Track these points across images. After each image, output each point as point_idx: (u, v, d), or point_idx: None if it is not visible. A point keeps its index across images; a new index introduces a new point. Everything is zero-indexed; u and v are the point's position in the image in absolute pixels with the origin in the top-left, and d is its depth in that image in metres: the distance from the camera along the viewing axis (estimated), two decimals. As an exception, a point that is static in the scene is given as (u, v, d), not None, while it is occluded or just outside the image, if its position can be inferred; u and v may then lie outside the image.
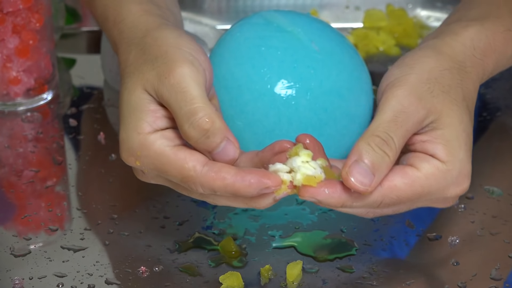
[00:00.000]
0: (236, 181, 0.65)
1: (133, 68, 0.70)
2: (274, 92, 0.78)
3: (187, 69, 0.67)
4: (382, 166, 0.65)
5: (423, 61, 0.70)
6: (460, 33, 0.72)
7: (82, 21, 1.10)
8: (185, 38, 0.70)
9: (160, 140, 0.67)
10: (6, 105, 0.93)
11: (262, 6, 1.09)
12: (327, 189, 0.65)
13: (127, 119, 0.68)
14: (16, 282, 0.72)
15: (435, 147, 0.67)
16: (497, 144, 0.90)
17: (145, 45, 0.70)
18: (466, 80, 0.70)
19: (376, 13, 1.09)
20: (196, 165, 0.66)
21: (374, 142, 0.65)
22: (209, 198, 0.68)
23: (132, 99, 0.68)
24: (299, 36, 0.80)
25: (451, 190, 0.68)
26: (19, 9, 0.90)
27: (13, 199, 0.82)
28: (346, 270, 0.73)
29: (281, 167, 0.66)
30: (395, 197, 0.66)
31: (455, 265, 0.74)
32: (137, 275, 0.73)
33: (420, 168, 0.66)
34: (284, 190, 0.66)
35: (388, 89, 0.68)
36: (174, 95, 0.66)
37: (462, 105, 0.69)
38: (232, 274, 0.71)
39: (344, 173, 0.64)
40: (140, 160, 0.68)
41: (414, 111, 0.66)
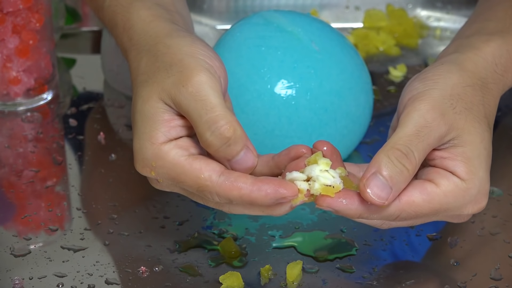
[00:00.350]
0: (252, 191, 0.64)
1: (146, 77, 0.69)
2: (274, 92, 0.78)
3: (204, 77, 0.66)
4: (401, 180, 0.64)
5: (446, 76, 0.69)
6: (482, 48, 0.72)
7: (82, 21, 1.10)
8: (199, 44, 0.69)
9: (175, 150, 0.67)
10: (6, 105, 0.93)
11: (262, 6, 1.09)
12: (345, 200, 0.65)
13: (140, 129, 0.68)
14: (16, 282, 0.72)
15: (455, 164, 0.66)
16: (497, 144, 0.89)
17: (157, 53, 0.69)
18: (487, 97, 0.70)
19: (376, 13, 1.09)
20: (212, 174, 0.65)
21: (394, 155, 0.64)
22: (225, 207, 0.68)
23: (146, 108, 0.68)
24: (299, 36, 0.80)
25: (468, 208, 0.68)
26: (19, 9, 0.90)
27: (13, 199, 0.82)
28: (346, 270, 0.73)
29: (298, 175, 0.65)
30: (413, 212, 0.66)
31: (455, 265, 0.74)
32: (137, 275, 0.73)
33: (440, 184, 0.66)
34: (301, 199, 0.65)
35: (410, 102, 0.67)
36: (194, 103, 0.66)
37: (484, 123, 0.68)
38: (232, 274, 0.72)
39: (361, 185, 0.64)
40: (155, 171, 0.67)
41: (437, 127, 0.66)
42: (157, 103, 0.67)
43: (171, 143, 0.67)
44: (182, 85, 0.66)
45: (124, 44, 0.74)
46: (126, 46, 0.74)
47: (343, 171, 0.66)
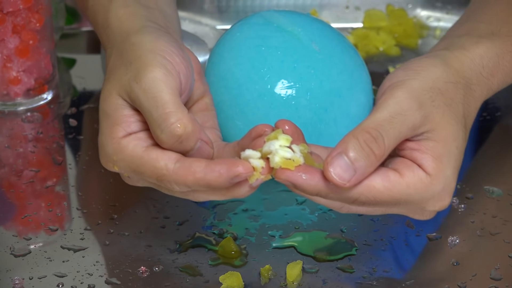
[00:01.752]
0: (206, 174, 0.64)
1: (109, 74, 0.70)
2: (274, 92, 0.78)
3: (158, 73, 0.66)
4: (366, 164, 0.63)
5: (430, 69, 0.68)
6: (471, 49, 0.72)
7: (82, 21, 1.10)
8: (162, 41, 0.69)
9: (133, 142, 0.67)
10: (6, 105, 0.93)
11: (262, 6, 1.09)
12: (305, 175, 0.63)
13: (103, 125, 0.68)
14: (16, 282, 0.72)
15: (424, 157, 0.65)
16: (497, 144, 0.90)
17: (122, 50, 0.70)
18: (469, 98, 0.69)
19: (376, 13, 1.09)
20: (168, 162, 0.65)
21: (363, 137, 0.63)
22: (189, 195, 0.68)
23: (107, 105, 0.68)
24: (299, 36, 0.80)
25: (429, 204, 0.67)
26: (19, 9, 0.90)
27: (13, 199, 0.82)
28: (346, 270, 0.73)
29: (251, 153, 0.65)
30: (372, 197, 0.64)
31: (455, 265, 0.74)
32: (137, 275, 0.73)
33: (404, 175, 0.65)
34: (257, 177, 0.64)
35: (389, 89, 0.67)
36: (146, 100, 0.66)
37: (461, 122, 0.68)
38: (232, 274, 0.72)
39: (325, 163, 0.63)
40: (117, 165, 0.68)
41: (411, 116, 0.65)
42: (116, 99, 0.68)
43: (130, 136, 0.67)
44: (136, 82, 0.67)
45: (104, 42, 0.76)
46: (105, 44, 0.75)
47: (305, 148, 0.65)
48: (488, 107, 0.94)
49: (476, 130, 0.91)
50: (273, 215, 0.79)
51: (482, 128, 0.91)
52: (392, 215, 0.78)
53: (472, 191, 0.82)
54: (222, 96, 0.79)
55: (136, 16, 0.74)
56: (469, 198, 0.81)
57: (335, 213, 0.79)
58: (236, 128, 0.78)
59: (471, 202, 0.80)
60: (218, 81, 0.79)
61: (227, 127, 0.78)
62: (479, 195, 0.81)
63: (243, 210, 0.79)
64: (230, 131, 0.78)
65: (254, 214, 0.79)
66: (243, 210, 0.79)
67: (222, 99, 0.78)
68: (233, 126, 0.78)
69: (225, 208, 0.79)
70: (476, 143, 0.89)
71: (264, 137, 0.66)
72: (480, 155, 0.87)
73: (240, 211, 0.79)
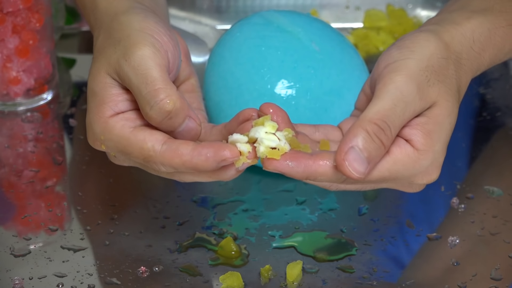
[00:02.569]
0: (193, 157, 0.64)
1: (98, 53, 0.70)
2: (274, 92, 0.78)
3: (147, 50, 0.67)
4: (377, 155, 0.63)
5: (423, 45, 0.68)
6: (462, 24, 0.71)
7: (82, 21, 1.10)
8: (150, 20, 0.70)
9: (121, 122, 0.67)
10: (6, 105, 0.93)
11: (262, 6, 1.09)
12: (291, 162, 0.64)
13: (90, 104, 0.69)
14: (16, 282, 0.72)
15: (413, 132, 0.65)
16: (497, 144, 0.90)
17: (111, 30, 0.70)
18: (459, 72, 0.69)
19: (376, 13, 1.09)
20: (155, 144, 0.66)
21: (373, 129, 0.63)
22: (175, 176, 0.68)
23: (95, 84, 0.69)
24: (299, 36, 0.80)
25: (418, 178, 0.67)
26: (19, 9, 0.90)
27: (13, 199, 0.82)
28: (346, 270, 0.73)
29: (239, 137, 0.65)
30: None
31: (455, 265, 0.74)
32: (137, 275, 0.73)
33: (391, 152, 0.65)
34: (243, 161, 0.65)
35: (386, 72, 0.66)
36: (135, 77, 0.66)
37: (455, 97, 0.68)
38: (232, 274, 0.72)
39: (339, 159, 0.63)
40: (104, 144, 0.68)
41: (412, 101, 0.65)
42: (104, 78, 0.68)
43: (118, 116, 0.68)
44: (125, 59, 0.67)
45: (91, 24, 0.76)
46: (92, 26, 0.75)
47: (290, 132, 0.65)
48: (488, 107, 0.94)
49: (476, 130, 0.91)
50: (273, 215, 0.79)
51: (482, 128, 0.91)
52: (392, 215, 0.78)
53: (472, 191, 0.82)
54: (222, 96, 0.79)
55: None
56: (469, 198, 0.81)
57: (335, 213, 0.79)
58: (236, 128, 0.77)
59: (471, 202, 0.80)
60: (218, 81, 0.79)
61: (227, 127, 0.78)
62: (479, 195, 0.81)
63: (243, 210, 0.79)
64: (230, 131, 0.77)
65: (254, 214, 0.79)
66: (243, 210, 0.79)
67: (222, 99, 0.78)
68: (233, 126, 0.77)
69: (225, 208, 0.80)
70: (476, 143, 0.89)
71: (251, 121, 0.66)
72: (480, 155, 0.87)
73: (240, 211, 0.79)
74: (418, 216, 0.79)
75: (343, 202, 0.80)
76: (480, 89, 0.97)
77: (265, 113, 0.66)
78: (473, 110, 0.92)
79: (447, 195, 0.81)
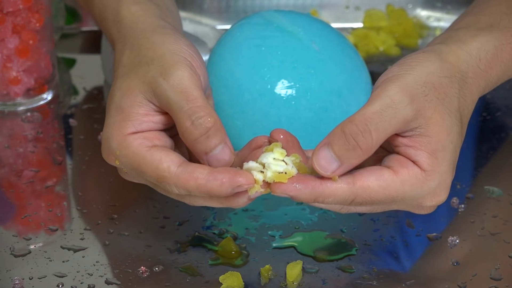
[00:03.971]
0: (208, 181, 0.64)
1: (128, 70, 0.70)
2: (274, 92, 0.78)
3: (185, 72, 0.67)
4: (352, 156, 0.63)
5: (424, 64, 0.68)
6: (468, 42, 0.71)
7: (82, 21, 1.10)
8: (182, 43, 0.70)
9: (139, 140, 0.67)
10: (6, 105, 0.93)
11: (262, 6, 1.09)
12: (298, 185, 0.64)
13: (113, 118, 0.68)
14: (16, 282, 0.72)
15: (418, 154, 0.65)
16: (497, 144, 0.90)
17: (140, 47, 0.70)
18: (464, 91, 0.69)
19: (376, 13, 1.09)
20: (171, 165, 0.66)
21: (349, 130, 0.63)
22: (186, 199, 0.68)
23: (124, 100, 0.68)
24: (299, 36, 0.80)
25: (426, 199, 0.67)
26: (19, 9, 0.90)
27: (13, 199, 0.82)
28: (346, 270, 0.73)
29: (254, 165, 0.65)
30: (368, 197, 0.65)
31: (455, 265, 0.74)
32: (137, 275, 0.73)
33: (398, 172, 0.65)
34: (257, 189, 0.65)
35: (382, 84, 0.66)
36: (175, 95, 0.66)
37: (455, 116, 0.67)
38: (232, 274, 0.72)
39: (312, 156, 0.64)
40: (119, 159, 0.68)
41: (403, 109, 0.65)
42: (135, 96, 0.68)
43: (137, 135, 0.68)
44: (163, 78, 0.67)
45: (113, 36, 0.75)
46: (114, 38, 0.75)
47: (297, 157, 0.66)
48: (488, 107, 0.94)
49: (476, 130, 0.91)
50: (273, 215, 0.79)
51: (482, 128, 0.91)
52: (392, 215, 0.78)
53: (472, 191, 0.82)
54: (222, 96, 0.79)
55: (150, 13, 0.74)
56: (469, 198, 0.81)
57: (335, 213, 0.79)
58: (236, 128, 0.78)
59: (471, 202, 0.80)
60: (218, 81, 0.79)
61: (227, 127, 0.78)
62: (479, 195, 0.81)
63: (243, 210, 0.79)
64: (230, 131, 0.78)
65: (254, 214, 0.79)
66: (243, 210, 0.79)
67: (222, 99, 0.78)
68: (233, 126, 0.77)
69: (225, 208, 0.79)
70: (476, 143, 0.89)
71: (262, 148, 0.67)
72: (480, 155, 0.87)
73: (240, 211, 0.79)
74: (418, 216, 0.79)
75: (343, 202, 0.80)
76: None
77: (275, 139, 0.67)
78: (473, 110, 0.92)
79: (447, 195, 0.81)
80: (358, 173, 0.65)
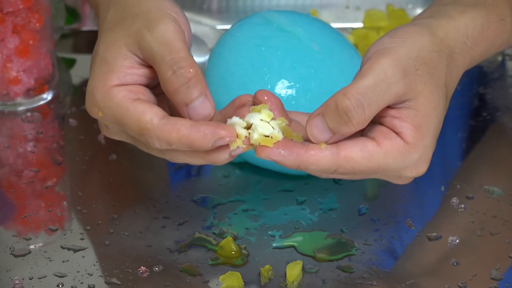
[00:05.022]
0: (191, 133, 0.65)
1: (112, 25, 0.70)
2: (274, 92, 0.78)
3: (170, 25, 0.68)
4: (344, 129, 0.65)
5: (415, 37, 0.68)
6: (456, 18, 0.72)
7: (82, 21, 1.10)
8: (167, 1, 0.71)
9: (123, 92, 0.68)
10: (6, 105, 0.93)
11: (262, 6, 1.09)
12: (283, 151, 0.65)
13: (97, 70, 0.69)
14: (16, 282, 0.72)
15: (403, 126, 0.66)
16: (496, 144, 0.90)
17: (126, 4, 0.71)
18: (451, 67, 0.70)
19: (376, 13, 1.09)
20: (153, 118, 0.66)
21: (342, 105, 0.64)
22: (167, 155, 0.68)
23: (108, 53, 0.69)
24: (299, 36, 0.80)
25: (407, 171, 0.68)
26: (19, 9, 0.90)
27: (13, 199, 0.82)
28: (346, 270, 0.73)
29: (237, 120, 0.66)
30: (350, 168, 0.66)
31: (455, 265, 0.74)
32: (137, 275, 0.73)
33: (381, 144, 0.66)
34: (239, 144, 0.65)
35: (375, 56, 0.67)
36: (158, 46, 0.67)
37: (442, 91, 0.68)
38: (232, 274, 0.72)
39: (306, 123, 0.65)
40: (102, 111, 0.68)
41: (395, 84, 0.65)
42: (120, 48, 0.69)
43: (121, 87, 0.68)
44: (147, 30, 0.68)
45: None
46: (97, 1, 0.75)
47: (283, 121, 0.67)
48: (488, 107, 0.94)
49: (476, 130, 0.91)
50: (273, 215, 0.79)
51: (482, 128, 0.91)
52: (392, 215, 0.78)
53: (472, 191, 0.82)
54: (222, 96, 0.79)
55: None
56: (469, 198, 0.81)
57: (335, 213, 0.79)
58: (236, 128, 0.77)
59: (471, 202, 0.80)
60: (218, 81, 0.79)
61: (227, 127, 0.78)
62: (479, 195, 0.81)
63: (243, 210, 0.79)
64: (230, 131, 0.77)
65: (254, 214, 0.79)
66: (243, 210, 0.79)
67: (222, 99, 0.78)
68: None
69: (225, 208, 0.80)
70: (476, 143, 0.89)
71: (248, 106, 0.67)
72: (480, 155, 0.87)
73: (240, 211, 0.79)
74: (418, 216, 0.79)
75: (343, 202, 0.80)
76: (480, 89, 0.97)
77: (259, 100, 0.67)
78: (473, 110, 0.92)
79: (447, 195, 0.81)
80: (342, 144, 0.66)
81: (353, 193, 0.81)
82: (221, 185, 0.82)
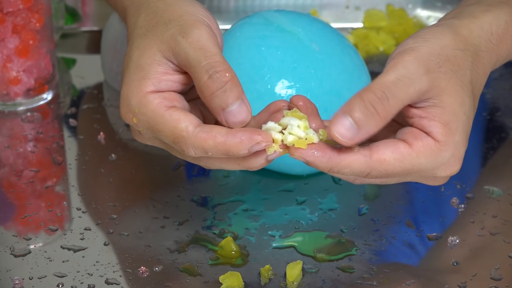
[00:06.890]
0: (227, 139, 0.65)
1: (145, 30, 0.70)
2: (274, 92, 0.78)
3: (203, 30, 0.68)
4: (371, 123, 0.64)
5: (438, 36, 0.69)
6: (480, 17, 0.72)
7: (82, 21, 1.10)
8: (199, 5, 0.71)
9: (159, 99, 0.67)
10: (6, 105, 0.94)
11: (262, 6, 1.09)
12: (317, 152, 0.65)
13: (132, 77, 0.69)
14: (16, 282, 0.72)
15: (432, 124, 0.66)
16: (497, 144, 0.90)
17: (156, 9, 0.71)
18: (477, 64, 0.70)
19: (376, 13, 1.09)
20: (189, 125, 0.66)
21: (368, 98, 0.64)
22: (202, 162, 0.68)
23: (143, 59, 0.68)
24: (299, 36, 0.80)
25: (441, 170, 0.67)
26: (19, 9, 0.90)
27: (13, 199, 0.82)
28: (346, 270, 0.73)
29: (273, 125, 0.66)
30: (383, 170, 0.65)
31: (455, 265, 0.74)
32: (137, 275, 0.73)
33: (413, 145, 0.66)
34: (275, 149, 0.65)
35: (398, 55, 0.67)
36: (193, 51, 0.67)
37: (467, 88, 0.68)
38: (232, 274, 0.72)
39: (330, 123, 0.64)
40: (137, 117, 0.68)
41: (418, 79, 0.65)
42: (154, 55, 0.68)
43: (157, 94, 0.68)
44: (181, 36, 0.67)
45: (124, 3, 0.75)
46: (125, 5, 0.75)
47: (324, 134, 0.66)
48: (488, 107, 0.94)
49: (476, 130, 0.91)
50: (273, 215, 0.79)
51: (482, 128, 0.91)
52: (392, 215, 0.78)
53: (472, 191, 0.82)
54: (222, 96, 0.78)
55: None
56: (469, 198, 0.81)
57: (335, 213, 0.79)
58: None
59: (471, 202, 0.81)
60: (218, 81, 0.79)
61: (227, 127, 0.78)
62: (479, 195, 0.81)
63: (243, 210, 0.79)
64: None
65: (254, 214, 0.79)
66: (243, 210, 0.79)
67: (222, 99, 0.78)
68: (233, 126, 0.77)
69: (225, 208, 0.80)
70: (476, 143, 0.89)
71: (282, 112, 0.67)
72: (480, 155, 0.87)
73: (240, 211, 0.79)
74: (418, 216, 0.79)
75: (343, 202, 0.80)
76: (480, 89, 0.97)
77: (295, 104, 0.67)
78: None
79: (447, 195, 0.81)
80: (374, 146, 0.66)
81: (353, 193, 0.81)
82: (221, 185, 0.83)
